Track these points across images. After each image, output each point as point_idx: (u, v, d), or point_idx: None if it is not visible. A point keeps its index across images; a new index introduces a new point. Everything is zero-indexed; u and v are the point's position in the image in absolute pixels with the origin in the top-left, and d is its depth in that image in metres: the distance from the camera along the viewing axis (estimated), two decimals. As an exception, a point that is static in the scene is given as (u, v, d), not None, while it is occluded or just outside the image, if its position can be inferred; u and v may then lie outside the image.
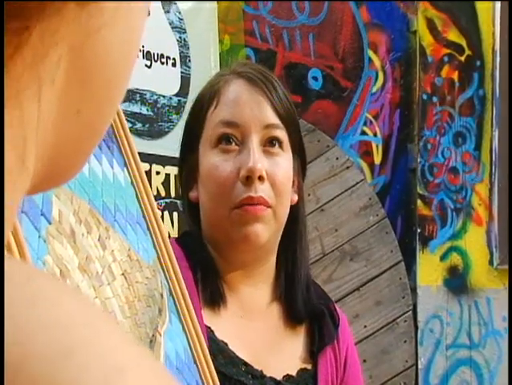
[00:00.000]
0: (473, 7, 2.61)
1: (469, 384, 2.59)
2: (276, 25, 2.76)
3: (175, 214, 2.22)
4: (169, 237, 1.05)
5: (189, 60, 2.37)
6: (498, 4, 2.56)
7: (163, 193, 2.20)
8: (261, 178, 1.09)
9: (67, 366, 0.23)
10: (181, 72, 2.34)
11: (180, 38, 2.35)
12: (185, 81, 2.34)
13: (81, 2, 0.29)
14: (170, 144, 2.13)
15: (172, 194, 2.24)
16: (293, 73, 2.76)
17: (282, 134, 1.13)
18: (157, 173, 2.18)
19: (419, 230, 2.63)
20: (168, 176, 2.22)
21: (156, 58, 2.22)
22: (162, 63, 2.25)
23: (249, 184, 1.09)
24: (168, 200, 2.21)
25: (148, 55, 2.20)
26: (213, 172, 1.11)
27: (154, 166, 2.17)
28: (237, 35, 2.75)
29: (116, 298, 0.86)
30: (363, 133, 2.73)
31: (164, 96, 2.26)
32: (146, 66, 2.19)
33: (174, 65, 2.31)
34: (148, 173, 2.10)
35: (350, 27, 2.73)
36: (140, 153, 0.96)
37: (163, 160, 2.18)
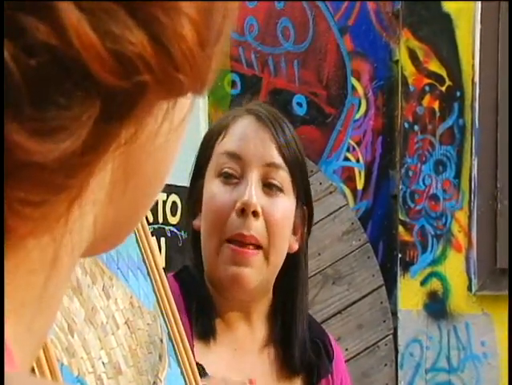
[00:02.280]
0: (453, 39, 2.68)
1: (448, 406, 2.65)
2: (262, 51, 2.81)
3: (162, 240, 2.25)
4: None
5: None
6: (478, 37, 2.63)
7: (150, 219, 2.23)
8: (255, 213, 1.10)
9: None
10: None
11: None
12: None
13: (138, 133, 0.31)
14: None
15: (160, 220, 2.27)
16: (278, 99, 2.80)
17: (284, 175, 1.14)
18: (145, 199, 2.20)
19: (400, 255, 2.69)
20: (155, 201, 2.24)
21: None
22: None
23: (243, 218, 1.10)
24: (155, 226, 2.24)
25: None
26: (210, 200, 1.14)
27: (142, 192, 2.19)
28: (222, 60, 2.80)
29: (120, 348, 0.89)
30: (346, 159, 2.78)
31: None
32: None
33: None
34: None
35: (334, 55, 2.79)
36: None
37: (150, 187, 2.20)
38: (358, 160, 2.77)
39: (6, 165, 0.26)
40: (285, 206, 1.14)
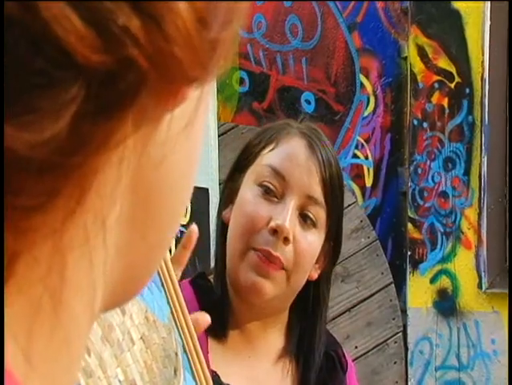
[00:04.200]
0: (462, 36, 2.67)
1: (457, 403, 2.65)
2: (270, 49, 2.81)
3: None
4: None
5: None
6: (487, 34, 2.62)
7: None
8: (286, 240, 1.11)
9: None
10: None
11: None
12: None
13: (143, 139, 0.28)
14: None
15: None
16: (286, 96, 2.80)
17: (320, 211, 1.14)
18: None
19: (409, 253, 2.69)
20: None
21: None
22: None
23: (273, 238, 1.11)
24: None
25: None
26: (246, 206, 1.14)
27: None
28: (232, 54, 2.79)
29: (136, 364, 0.89)
30: (355, 156, 2.78)
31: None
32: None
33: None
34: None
35: (342, 52, 2.78)
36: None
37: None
38: (367, 158, 2.77)
39: None
40: (314, 241, 1.15)
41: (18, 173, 0.24)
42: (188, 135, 0.30)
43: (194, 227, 0.96)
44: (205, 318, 0.95)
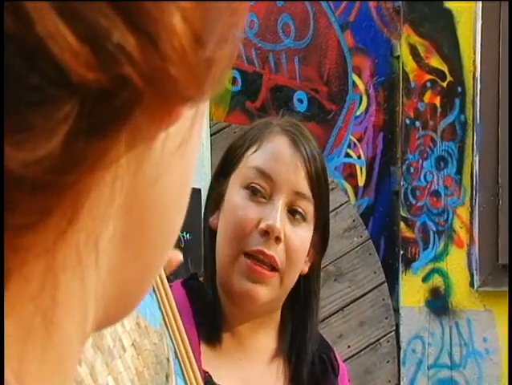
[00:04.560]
0: (454, 35, 2.67)
1: (450, 401, 2.66)
2: (262, 48, 2.80)
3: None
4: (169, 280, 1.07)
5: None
6: (479, 33, 2.63)
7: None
8: (277, 239, 1.11)
9: None
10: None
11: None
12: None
13: (137, 158, 0.28)
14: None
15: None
16: (278, 95, 2.80)
17: (308, 205, 1.14)
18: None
19: (402, 252, 2.70)
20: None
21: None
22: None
23: (265, 239, 1.11)
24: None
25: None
26: (234, 211, 1.14)
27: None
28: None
29: (127, 371, 0.89)
30: (348, 155, 2.78)
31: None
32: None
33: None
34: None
35: (335, 51, 2.78)
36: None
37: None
38: (359, 157, 2.77)
39: None
40: (305, 235, 1.16)
41: (11, 192, 0.24)
42: (183, 154, 0.30)
43: (178, 255, 0.93)
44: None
